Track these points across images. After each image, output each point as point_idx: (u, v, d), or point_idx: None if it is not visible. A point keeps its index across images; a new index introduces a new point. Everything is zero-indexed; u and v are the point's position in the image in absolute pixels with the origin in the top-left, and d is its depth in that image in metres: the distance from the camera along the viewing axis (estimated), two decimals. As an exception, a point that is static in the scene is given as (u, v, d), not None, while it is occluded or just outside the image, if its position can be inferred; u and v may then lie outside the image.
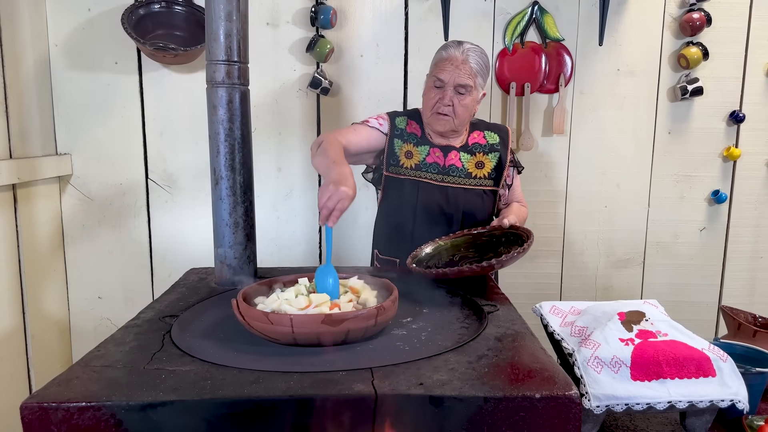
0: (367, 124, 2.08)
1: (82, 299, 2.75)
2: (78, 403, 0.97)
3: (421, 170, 2.04)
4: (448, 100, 1.96)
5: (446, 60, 1.97)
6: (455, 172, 2.05)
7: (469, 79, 1.95)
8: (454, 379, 1.04)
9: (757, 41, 2.72)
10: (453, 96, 1.96)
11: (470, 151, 2.08)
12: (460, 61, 1.95)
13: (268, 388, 1.01)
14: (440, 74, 1.96)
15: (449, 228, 2.03)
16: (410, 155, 2.05)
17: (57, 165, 2.58)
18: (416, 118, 2.11)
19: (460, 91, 1.96)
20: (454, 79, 1.95)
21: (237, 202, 1.69)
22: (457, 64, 1.94)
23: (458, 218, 2.03)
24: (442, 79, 1.96)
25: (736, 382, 1.28)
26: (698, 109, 2.78)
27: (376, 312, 1.24)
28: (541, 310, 1.57)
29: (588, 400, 1.24)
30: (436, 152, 2.06)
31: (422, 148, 2.06)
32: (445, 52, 1.98)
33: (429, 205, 2.02)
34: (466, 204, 2.03)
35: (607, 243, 2.88)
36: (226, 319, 1.39)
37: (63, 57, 2.60)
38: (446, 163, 2.05)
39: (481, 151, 2.08)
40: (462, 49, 1.96)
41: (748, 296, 2.92)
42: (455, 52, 1.96)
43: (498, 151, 2.09)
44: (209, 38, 1.62)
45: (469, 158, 2.07)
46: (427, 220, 2.03)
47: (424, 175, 2.04)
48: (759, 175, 2.84)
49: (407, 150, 2.06)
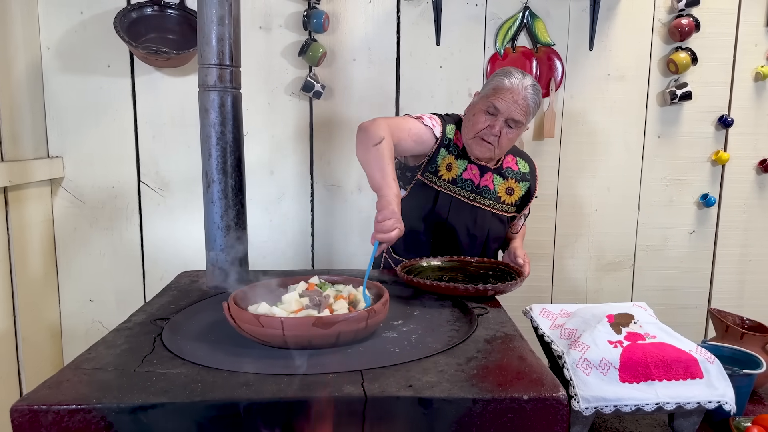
0: (422, 122, 1.96)
1: (74, 302, 2.74)
2: (68, 406, 0.97)
3: (456, 185, 1.98)
4: (497, 131, 1.89)
5: (507, 90, 1.87)
6: (487, 194, 2.02)
7: (523, 116, 1.89)
8: (443, 381, 1.05)
9: (744, 47, 2.75)
10: (503, 127, 1.90)
11: (503, 175, 2.05)
12: (521, 96, 1.87)
13: (258, 391, 1.01)
14: (497, 102, 1.87)
15: (472, 248, 2.02)
16: (450, 168, 1.98)
17: (49, 168, 2.57)
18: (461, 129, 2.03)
19: (510, 124, 1.90)
20: (510, 112, 1.88)
21: (229, 205, 1.69)
22: (517, 98, 1.87)
23: (482, 240, 2.02)
24: (498, 108, 1.88)
25: (723, 383, 1.29)
26: (687, 114, 2.80)
27: (367, 315, 1.25)
28: (531, 313, 1.59)
29: (577, 402, 1.25)
30: (474, 170, 2.00)
31: (461, 162, 1.99)
32: (508, 81, 1.89)
33: (458, 224, 1.98)
34: (492, 227, 2.02)
35: (598, 246, 2.90)
36: (217, 322, 1.39)
37: (55, 60, 2.59)
38: (481, 183, 2.01)
39: (513, 177, 2.06)
40: (525, 84, 1.88)
41: (737, 299, 2.94)
42: (518, 84, 1.87)
43: (528, 181, 2.09)
44: (201, 42, 1.63)
45: (501, 182, 2.04)
46: (454, 238, 2.00)
47: (458, 191, 1.99)
48: (747, 179, 2.87)
49: (449, 162, 1.98)
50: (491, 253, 2.09)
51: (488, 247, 2.05)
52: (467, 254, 2.00)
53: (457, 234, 1.99)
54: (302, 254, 2.83)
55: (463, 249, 2.01)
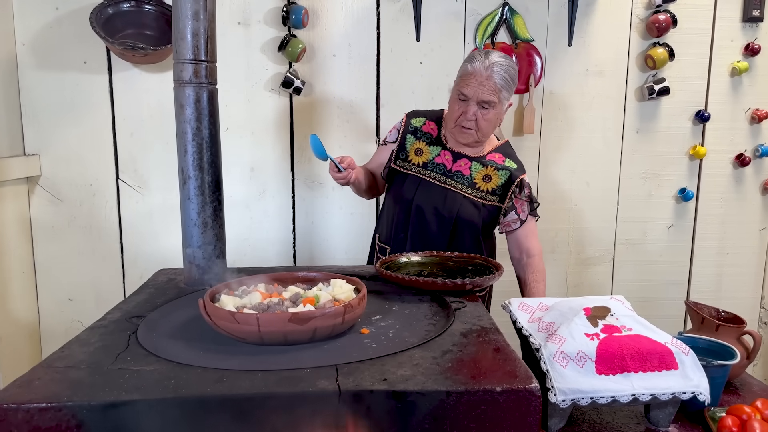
0: (385, 141, 2.20)
1: (52, 301, 2.71)
2: (38, 404, 0.96)
3: (426, 168, 2.07)
4: (471, 115, 1.95)
5: (470, 74, 1.94)
6: (459, 179, 2.05)
7: (492, 95, 1.93)
8: (417, 375, 1.05)
9: (721, 42, 2.78)
10: (476, 111, 1.95)
11: (484, 164, 2.07)
12: (485, 77, 1.91)
13: (231, 387, 1.01)
14: (464, 89, 1.94)
15: (442, 228, 2.03)
16: (420, 153, 2.09)
17: (25, 166, 2.54)
18: (437, 121, 2.13)
19: (483, 106, 1.95)
20: (477, 95, 1.93)
21: (205, 202, 1.68)
22: (481, 80, 1.92)
23: (451, 221, 2.03)
24: (466, 94, 1.95)
25: (698, 374, 1.31)
26: (665, 109, 2.83)
27: (344, 310, 1.24)
28: (510, 307, 1.59)
29: (554, 394, 1.25)
30: (446, 155, 2.08)
31: (434, 149, 2.09)
32: (470, 66, 1.95)
33: (425, 203, 2.03)
34: (462, 210, 2.03)
35: (578, 241, 2.91)
36: (193, 320, 1.38)
37: (31, 56, 2.56)
38: (453, 168, 2.06)
39: (493, 166, 2.07)
40: (487, 63, 1.92)
41: (715, 291, 2.98)
42: (480, 66, 1.92)
43: (510, 171, 2.06)
44: (176, 37, 1.62)
45: (480, 168, 2.06)
46: (422, 217, 2.04)
47: (428, 174, 2.06)
48: (724, 173, 2.90)
49: (418, 147, 2.09)
50: (464, 237, 2.06)
51: (459, 230, 2.05)
52: (437, 235, 2.03)
53: (424, 213, 2.04)
54: (284, 251, 2.82)
55: (432, 230, 2.04)
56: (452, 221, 2.03)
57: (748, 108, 2.85)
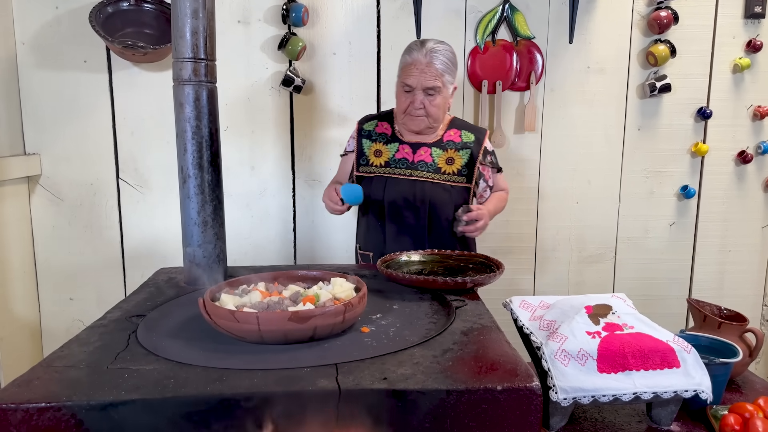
0: (345, 152, 2.23)
1: (54, 301, 2.71)
2: (37, 404, 0.96)
3: (390, 167, 2.10)
4: (418, 104, 2.00)
5: (411, 65, 1.99)
6: (423, 167, 2.07)
7: (435, 80, 1.98)
8: (417, 373, 1.05)
9: (722, 39, 2.77)
10: (423, 98, 1.99)
11: (443, 147, 2.10)
12: (425, 64, 1.96)
13: (231, 386, 1.00)
14: (407, 80, 1.99)
15: (417, 220, 2.05)
16: (379, 154, 2.11)
17: (25, 165, 2.54)
18: (388, 119, 2.17)
19: (429, 92, 1.99)
20: (420, 83, 1.97)
21: (205, 201, 1.67)
22: (422, 68, 1.96)
23: (425, 210, 2.05)
24: (410, 84, 1.99)
25: (700, 372, 1.30)
26: (666, 106, 2.82)
27: (344, 309, 1.24)
28: (511, 305, 1.58)
29: (555, 392, 1.25)
30: (405, 149, 2.11)
31: (392, 146, 2.12)
32: (409, 57, 2.01)
33: (396, 199, 2.05)
34: (433, 196, 2.05)
35: (579, 238, 2.91)
36: (193, 319, 1.38)
37: (30, 55, 2.55)
38: (415, 158, 2.08)
39: (453, 147, 2.10)
40: (425, 51, 1.97)
41: (717, 289, 2.97)
42: (418, 55, 1.98)
43: (470, 148, 2.10)
44: (175, 36, 1.61)
45: (441, 153, 2.09)
46: (396, 213, 2.06)
47: (393, 171, 2.08)
48: (726, 170, 2.89)
49: (376, 149, 2.12)
50: (441, 223, 2.08)
51: (435, 217, 2.06)
52: (415, 227, 2.05)
53: (398, 208, 2.06)
54: (284, 250, 2.82)
55: (409, 223, 2.06)
56: (426, 210, 2.05)
57: (750, 105, 2.84)
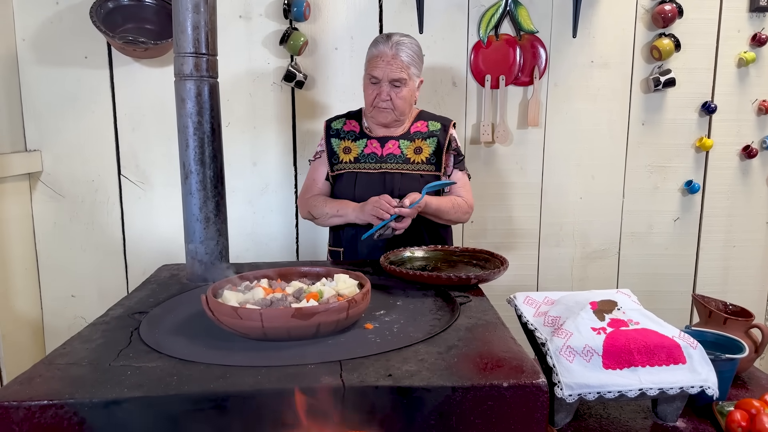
0: (316, 155, 2.21)
1: (55, 298, 2.71)
2: (39, 402, 0.95)
3: (359, 162, 2.11)
4: (385, 96, 2.02)
5: (377, 57, 2.02)
6: (393, 160, 2.09)
7: (402, 72, 2.01)
8: (422, 370, 1.04)
9: (727, 33, 2.75)
10: (389, 90, 2.02)
11: (410, 138, 2.12)
12: (390, 56, 2.00)
13: (234, 383, 1.00)
14: (373, 72, 2.02)
15: None
16: (348, 150, 2.14)
17: (26, 162, 2.53)
18: (355, 117, 2.21)
19: (395, 84, 2.02)
20: (387, 74, 2.00)
21: (207, 197, 1.66)
22: (388, 59, 2.00)
23: None
24: (376, 76, 2.02)
25: (706, 368, 1.29)
26: (671, 101, 2.80)
27: (347, 305, 1.23)
28: (515, 301, 1.57)
29: (560, 389, 1.24)
30: (374, 143, 2.13)
31: (360, 142, 2.14)
32: (375, 49, 2.04)
33: (366, 193, 2.03)
34: (403, 188, 2.04)
35: (583, 234, 2.89)
36: (196, 316, 1.37)
37: (31, 52, 2.54)
38: (384, 152, 2.10)
39: (420, 137, 2.12)
40: (391, 43, 2.01)
41: (722, 284, 2.96)
42: (384, 47, 2.01)
43: (437, 136, 2.12)
44: (176, 30, 1.60)
45: (408, 144, 2.11)
46: None
47: (362, 166, 2.11)
48: (731, 165, 2.88)
49: (345, 146, 2.14)
50: None
51: None
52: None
53: None
54: (287, 246, 2.81)
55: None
56: None
57: (755, 99, 2.82)
